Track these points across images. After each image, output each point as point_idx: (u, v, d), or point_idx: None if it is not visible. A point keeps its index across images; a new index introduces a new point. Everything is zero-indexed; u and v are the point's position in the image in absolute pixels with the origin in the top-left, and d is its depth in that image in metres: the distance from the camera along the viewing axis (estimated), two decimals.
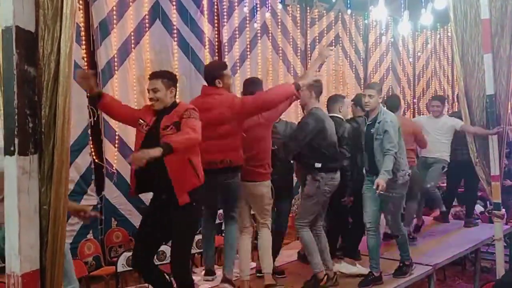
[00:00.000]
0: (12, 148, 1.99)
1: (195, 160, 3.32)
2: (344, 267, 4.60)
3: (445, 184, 6.99)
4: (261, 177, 4.01)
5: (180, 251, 3.44)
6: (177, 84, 3.55)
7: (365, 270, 4.46)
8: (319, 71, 4.50)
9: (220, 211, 4.62)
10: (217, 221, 5.06)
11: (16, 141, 1.98)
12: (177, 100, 3.52)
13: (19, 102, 1.98)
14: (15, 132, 1.98)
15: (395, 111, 5.23)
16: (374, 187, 4.01)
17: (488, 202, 7.09)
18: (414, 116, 10.96)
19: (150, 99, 3.40)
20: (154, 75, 3.44)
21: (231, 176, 3.86)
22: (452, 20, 5.17)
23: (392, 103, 5.27)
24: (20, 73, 1.98)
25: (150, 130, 3.33)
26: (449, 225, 6.40)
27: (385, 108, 4.42)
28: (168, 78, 3.43)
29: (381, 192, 3.97)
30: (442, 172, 6.17)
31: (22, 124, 1.99)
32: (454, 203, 7.04)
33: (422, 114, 10.64)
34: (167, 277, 3.56)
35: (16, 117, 1.98)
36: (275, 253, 4.46)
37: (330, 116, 4.43)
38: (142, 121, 3.38)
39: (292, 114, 7.42)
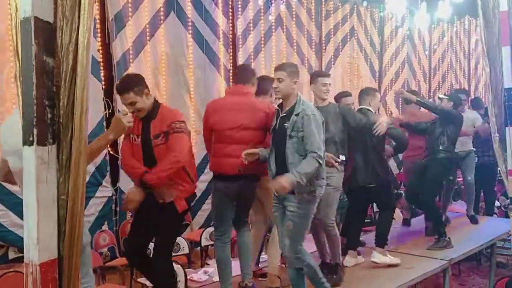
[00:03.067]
0: (31, 139, 2.00)
1: (189, 166, 3.33)
2: (375, 256, 4.58)
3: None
4: None
5: (164, 245, 3.47)
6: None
7: (397, 260, 4.54)
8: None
9: None
10: None
11: (35, 131, 1.99)
12: (156, 98, 3.51)
13: (38, 93, 1.98)
14: (34, 123, 1.99)
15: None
16: (274, 187, 3.27)
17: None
18: None
19: (132, 113, 3.29)
20: (122, 89, 3.30)
21: (249, 183, 3.76)
22: (480, 13, 5.08)
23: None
24: (38, 63, 1.99)
25: (143, 140, 3.34)
26: (464, 220, 6.34)
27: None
28: (136, 85, 3.29)
29: (275, 193, 3.34)
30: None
31: (40, 115, 1.99)
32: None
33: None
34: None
35: (35, 107, 1.98)
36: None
37: (360, 108, 4.49)
38: (133, 135, 3.39)
39: None
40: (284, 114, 3.44)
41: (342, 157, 4.06)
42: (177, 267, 3.74)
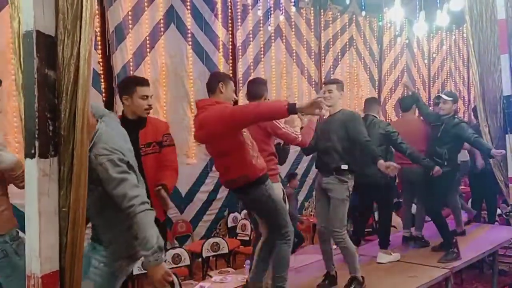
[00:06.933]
0: (32, 151, 2.02)
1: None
2: (381, 257, 4.82)
3: None
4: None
5: None
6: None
7: (398, 257, 4.87)
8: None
9: None
10: None
11: (37, 143, 2.01)
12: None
13: (40, 106, 2.01)
14: (36, 135, 2.01)
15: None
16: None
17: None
18: None
19: (149, 106, 3.30)
20: (147, 82, 3.39)
21: (254, 190, 3.34)
22: (468, 22, 5.14)
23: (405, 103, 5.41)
24: (40, 77, 2.01)
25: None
26: (466, 228, 6.32)
27: None
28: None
29: None
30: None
31: (42, 127, 2.01)
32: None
33: None
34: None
35: (36, 120, 2.00)
36: None
37: (371, 115, 4.81)
38: None
39: None
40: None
41: (344, 166, 3.99)
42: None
